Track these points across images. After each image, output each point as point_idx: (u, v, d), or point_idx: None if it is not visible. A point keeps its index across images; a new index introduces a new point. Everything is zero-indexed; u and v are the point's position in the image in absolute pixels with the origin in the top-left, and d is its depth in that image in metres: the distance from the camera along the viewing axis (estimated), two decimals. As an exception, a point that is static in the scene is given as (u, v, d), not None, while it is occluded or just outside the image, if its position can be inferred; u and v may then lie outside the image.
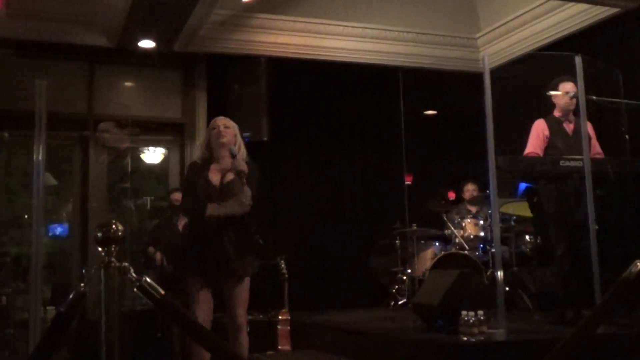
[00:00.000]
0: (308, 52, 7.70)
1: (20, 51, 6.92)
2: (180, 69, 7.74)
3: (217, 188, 4.18)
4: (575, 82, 5.14)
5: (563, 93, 5.19)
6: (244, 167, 4.14)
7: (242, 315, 4.22)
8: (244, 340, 4.22)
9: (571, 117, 5.28)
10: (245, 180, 4.11)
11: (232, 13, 7.28)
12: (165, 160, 7.90)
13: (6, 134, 4.85)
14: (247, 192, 4.14)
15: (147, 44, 6.94)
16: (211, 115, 7.66)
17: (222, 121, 4.38)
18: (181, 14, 6.33)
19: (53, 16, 6.83)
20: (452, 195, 7.73)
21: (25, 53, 6.97)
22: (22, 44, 6.85)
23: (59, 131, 6.72)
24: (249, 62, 7.53)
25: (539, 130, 5.24)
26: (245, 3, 6.27)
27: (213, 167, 4.27)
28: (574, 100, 5.18)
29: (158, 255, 6.44)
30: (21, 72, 6.73)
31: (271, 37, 7.56)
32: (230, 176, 4.21)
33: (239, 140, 4.37)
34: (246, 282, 4.22)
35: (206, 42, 7.34)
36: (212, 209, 4.10)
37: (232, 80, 7.63)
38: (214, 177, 4.22)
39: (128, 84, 7.69)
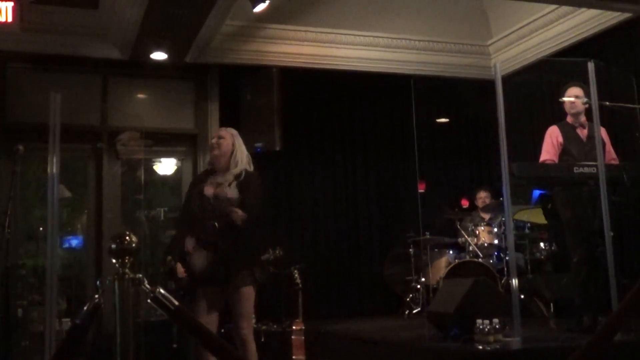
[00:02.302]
0: (320, 61, 7.72)
1: (34, 64, 6.99)
2: (193, 80, 7.78)
3: (210, 200, 4.17)
4: (583, 87, 5.13)
5: (570, 98, 5.18)
6: (250, 179, 4.17)
7: (244, 327, 4.17)
8: (251, 354, 4.17)
9: (585, 122, 5.26)
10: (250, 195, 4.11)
11: (244, 24, 7.31)
12: (179, 171, 7.92)
13: (21, 147, 4.88)
14: (237, 215, 4.11)
15: (159, 55, 6.98)
16: (224, 125, 7.68)
17: (217, 132, 4.40)
18: (193, 25, 6.37)
19: (66, 29, 6.90)
20: (465, 203, 7.70)
21: (39, 66, 7.04)
22: (36, 57, 6.92)
23: (73, 143, 6.77)
24: (261, 72, 7.55)
25: (553, 137, 5.22)
26: (257, 13, 6.30)
27: (211, 180, 4.27)
28: (578, 103, 5.17)
29: (178, 267, 6.44)
30: (35, 85, 6.80)
31: (283, 47, 7.58)
32: (225, 186, 4.20)
33: (238, 148, 4.33)
34: (247, 294, 4.16)
35: (218, 53, 7.38)
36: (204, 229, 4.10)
37: (245, 91, 7.66)
38: (208, 190, 4.22)
39: (141, 95, 7.74)
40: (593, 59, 5.00)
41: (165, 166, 7.98)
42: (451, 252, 7.26)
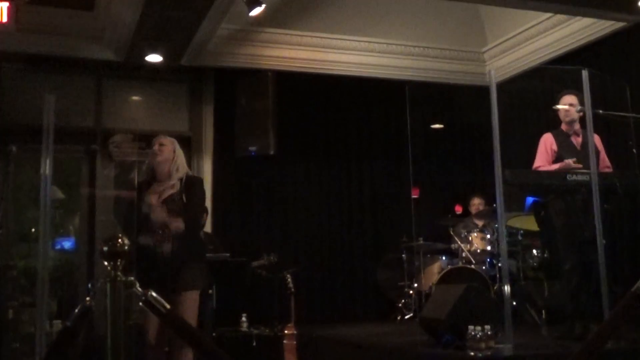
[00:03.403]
0: (315, 66, 7.73)
1: (29, 65, 6.97)
2: (188, 83, 7.77)
3: (152, 207, 4.19)
4: (578, 95, 5.15)
5: (565, 106, 5.20)
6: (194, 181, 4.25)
7: None
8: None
9: (579, 130, 5.28)
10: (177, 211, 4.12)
11: (239, 28, 7.31)
12: (172, 174, 7.90)
13: (14, 148, 4.85)
14: (178, 224, 4.13)
15: (154, 58, 6.97)
16: (218, 128, 7.71)
17: (158, 139, 4.41)
18: (189, 28, 6.37)
19: (62, 31, 6.88)
20: (459, 209, 7.71)
21: (33, 67, 7.02)
22: (31, 58, 6.90)
23: (66, 145, 6.76)
24: (256, 76, 7.55)
25: (547, 144, 5.24)
26: (253, 17, 6.30)
27: (154, 187, 4.30)
28: (572, 111, 5.19)
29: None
30: (30, 86, 6.78)
31: (278, 51, 7.59)
32: (168, 192, 4.22)
33: (179, 156, 4.37)
34: (189, 296, 4.16)
35: (213, 57, 7.38)
36: (145, 240, 4.11)
37: (239, 94, 7.65)
38: (152, 197, 4.23)
39: (135, 98, 7.73)
40: (587, 67, 5.01)
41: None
42: (444, 258, 7.27)
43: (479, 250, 6.89)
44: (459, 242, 7.01)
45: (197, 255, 4.38)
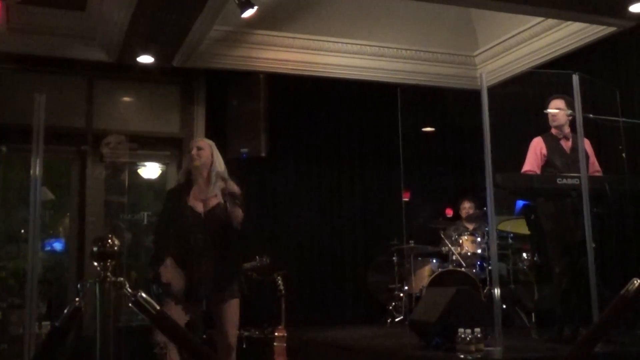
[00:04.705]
0: (307, 68, 7.72)
1: (19, 65, 6.94)
2: (179, 84, 7.75)
3: (201, 216, 4.13)
4: (567, 99, 5.17)
5: (553, 110, 5.23)
6: (235, 188, 4.09)
7: (232, 335, 4.21)
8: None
9: (569, 134, 5.30)
10: (237, 202, 4.06)
11: (231, 29, 7.30)
12: (163, 176, 7.89)
13: (3, 148, 4.84)
14: (239, 214, 4.09)
15: (146, 59, 6.96)
16: (209, 130, 7.69)
17: (195, 142, 4.33)
18: (180, 30, 6.36)
19: (53, 31, 6.86)
20: (449, 212, 7.72)
21: (24, 67, 6.99)
22: (22, 58, 6.86)
23: (56, 145, 6.71)
24: (248, 78, 7.54)
25: (537, 148, 5.26)
26: (245, 19, 6.30)
27: (194, 193, 4.20)
28: (559, 116, 5.22)
29: (162, 270, 6.41)
30: (20, 86, 6.74)
31: (270, 54, 7.58)
32: (214, 201, 4.15)
33: (217, 159, 4.29)
34: (234, 305, 4.20)
35: (205, 58, 7.36)
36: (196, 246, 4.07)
37: (231, 96, 7.64)
38: (197, 205, 4.16)
39: (127, 98, 7.70)
40: (578, 71, 5.04)
41: (150, 170, 7.94)
42: (434, 261, 7.27)
43: (469, 253, 6.90)
44: (450, 245, 7.02)
45: (240, 264, 4.42)
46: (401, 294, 7.26)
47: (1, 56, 6.75)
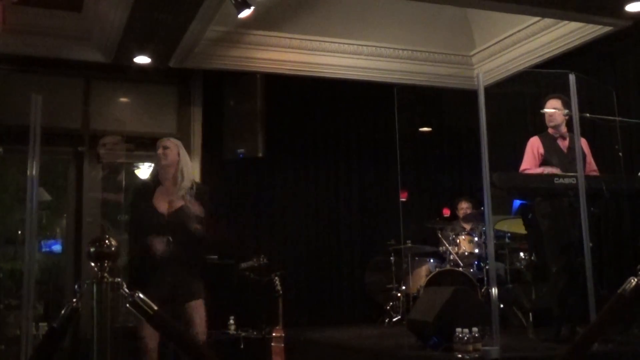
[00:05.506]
0: (303, 68, 7.72)
1: (16, 66, 6.92)
2: (176, 84, 7.74)
3: (164, 216, 4.11)
4: (564, 99, 5.18)
5: (549, 110, 5.24)
6: (202, 188, 4.12)
7: (200, 335, 4.17)
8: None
9: (565, 134, 5.31)
10: (201, 199, 4.04)
11: (228, 30, 7.30)
12: (160, 176, 7.87)
13: (0, 149, 4.83)
14: (196, 208, 4.06)
15: (142, 60, 6.95)
16: (207, 131, 7.69)
17: (161, 142, 4.27)
18: (177, 30, 6.35)
19: (49, 32, 6.84)
20: (447, 212, 7.73)
21: (21, 68, 6.97)
22: (18, 59, 6.85)
23: (53, 146, 6.72)
24: (245, 78, 7.54)
25: (534, 147, 5.27)
26: (241, 19, 6.29)
27: (159, 193, 4.18)
28: (555, 116, 5.23)
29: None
30: (16, 87, 6.72)
31: (267, 54, 7.58)
32: (179, 203, 4.13)
33: (183, 159, 4.25)
34: (199, 304, 4.17)
35: (202, 58, 7.35)
36: (157, 244, 4.01)
37: (228, 97, 7.64)
38: (161, 205, 4.14)
39: (123, 99, 7.69)
40: (574, 71, 5.04)
41: (147, 170, 7.93)
42: (432, 260, 7.28)
43: (466, 253, 6.91)
44: (447, 245, 7.03)
45: (200, 266, 4.36)
46: (399, 294, 7.27)
47: (-3, 57, 6.75)
